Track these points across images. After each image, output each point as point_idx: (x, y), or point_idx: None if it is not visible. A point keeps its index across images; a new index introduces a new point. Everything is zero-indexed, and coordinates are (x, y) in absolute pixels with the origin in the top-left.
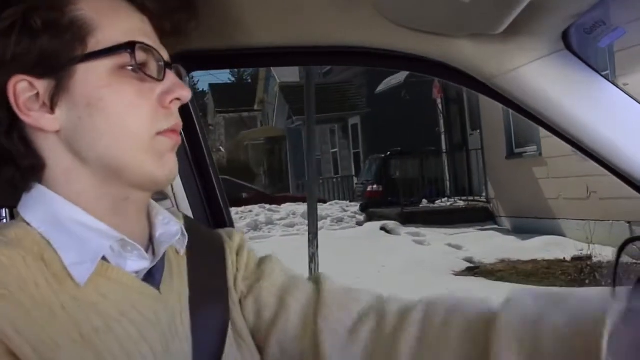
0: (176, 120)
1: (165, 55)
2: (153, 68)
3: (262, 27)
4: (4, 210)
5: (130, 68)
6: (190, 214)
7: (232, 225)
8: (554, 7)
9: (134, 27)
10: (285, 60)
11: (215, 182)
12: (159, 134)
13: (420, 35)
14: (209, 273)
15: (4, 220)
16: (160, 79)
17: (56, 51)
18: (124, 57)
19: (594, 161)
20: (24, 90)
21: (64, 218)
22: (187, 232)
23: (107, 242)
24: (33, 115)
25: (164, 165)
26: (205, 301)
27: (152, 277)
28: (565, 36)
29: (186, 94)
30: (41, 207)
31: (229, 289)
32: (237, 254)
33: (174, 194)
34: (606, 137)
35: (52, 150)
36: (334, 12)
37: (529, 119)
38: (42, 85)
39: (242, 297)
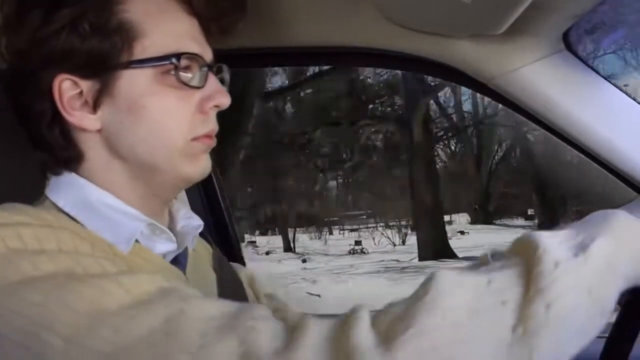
0: (212, 126)
1: (209, 57)
2: (196, 74)
3: (262, 28)
4: None
5: (173, 73)
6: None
7: (229, 216)
8: (555, 8)
9: (181, 31)
10: (285, 61)
11: (215, 182)
12: (194, 139)
13: (420, 35)
14: (234, 286)
15: None
16: (201, 86)
17: (103, 54)
18: (169, 65)
19: (594, 161)
20: (68, 89)
21: (96, 201)
22: (214, 255)
23: (140, 224)
24: (76, 115)
25: (197, 166)
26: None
27: (178, 262)
28: (565, 37)
29: (225, 101)
30: (72, 190)
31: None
32: (254, 284)
33: None
34: (606, 138)
35: (91, 146)
36: (334, 13)
37: (529, 119)
38: (86, 86)
39: None
